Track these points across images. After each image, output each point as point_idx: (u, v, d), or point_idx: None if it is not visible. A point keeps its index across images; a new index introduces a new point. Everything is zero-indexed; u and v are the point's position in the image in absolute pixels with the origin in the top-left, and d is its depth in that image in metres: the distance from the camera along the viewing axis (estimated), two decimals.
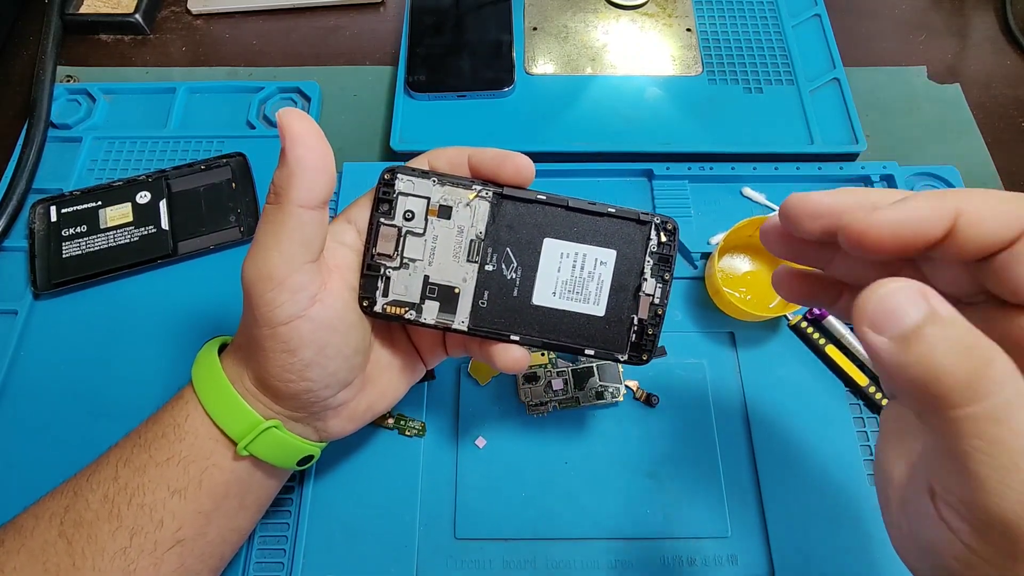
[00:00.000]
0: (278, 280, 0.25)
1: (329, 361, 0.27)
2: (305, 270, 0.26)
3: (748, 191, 0.45)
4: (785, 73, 0.49)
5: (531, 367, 0.38)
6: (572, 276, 0.29)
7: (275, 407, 0.29)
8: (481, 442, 0.37)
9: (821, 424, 0.38)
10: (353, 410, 0.31)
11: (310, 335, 0.26)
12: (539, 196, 0.28)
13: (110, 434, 0.30)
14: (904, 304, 0.17)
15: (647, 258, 0.29)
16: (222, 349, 0.31)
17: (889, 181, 0.45)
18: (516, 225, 0.28)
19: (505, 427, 0.38)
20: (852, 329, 0.40)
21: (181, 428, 0.28)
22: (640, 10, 0.53)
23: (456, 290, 0.29)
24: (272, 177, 0.26)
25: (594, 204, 0.28)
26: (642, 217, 0.28)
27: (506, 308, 0.29)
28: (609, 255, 0.29)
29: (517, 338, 0.29)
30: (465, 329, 0.29)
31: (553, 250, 0.29)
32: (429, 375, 0.39)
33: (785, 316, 0.40)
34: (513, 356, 0.29)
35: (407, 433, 0.37)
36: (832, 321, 0.39)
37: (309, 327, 0.26)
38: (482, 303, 0.29)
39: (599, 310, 0.29)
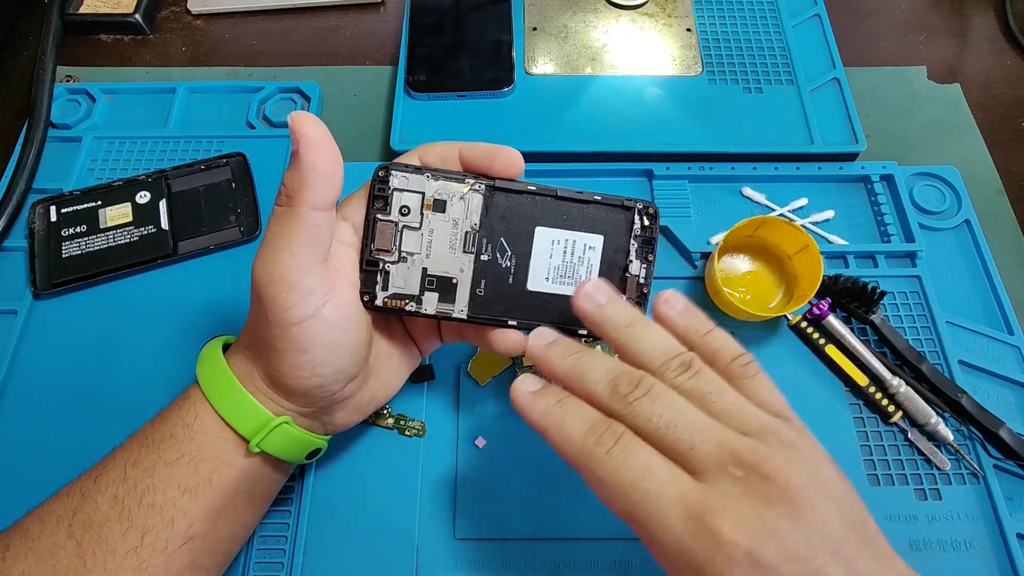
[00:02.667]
0: (291, 282, 0.26)
1: (339, 357, 0.28)
2: (316, 271, 0.27)
3: (748, 191, 0.45)
4: (785, 73, 0.49)
5: (531, 366, 0.38)
6: (563, 261, 0.30)
7: (285, 404, 0.29)
8: (481, 442, 0.37)
9: (821, 424, 0.38)
10: (358, 402, 0.31)
11: (321, 334, 0.27)
12: (530, 187, 0.29)
13: (110, 434, 0.30)
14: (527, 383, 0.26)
15: (632, 241, 0.30)
16: (224, 348, 0.31)
17: (889, 181, 0.45)
18: (509, 215, 0.29)
19: (505, 427, 0.38)
20: (853, 330, 0.40)
21: (190, 428, 0.28)
22: (640, 10, 0.53)
23: (454, 280, 0.29)
24: (282, 179, 0.26)
25: (581, 193, 0.30)
26: (626, 203, 0.30)
27: (502, 295, 0.30)
28: (597, 240, 0.30)
29: (514, 323, 0.30)
30: (465, 317, 0.30)
31: (545, 238, 0.30)
32: (429, 375, 0.39)
33: (785, 316, 0.40)
34: (511, 340, 0.30)
35: (407, 433, 0.37)
36: (832, 321, 0.39)
37: (321, 326, 0.27)
38: (479, 291, 0.30)
39: None
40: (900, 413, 0.38)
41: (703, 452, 0.22)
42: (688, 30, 0.52)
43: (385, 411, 0.38)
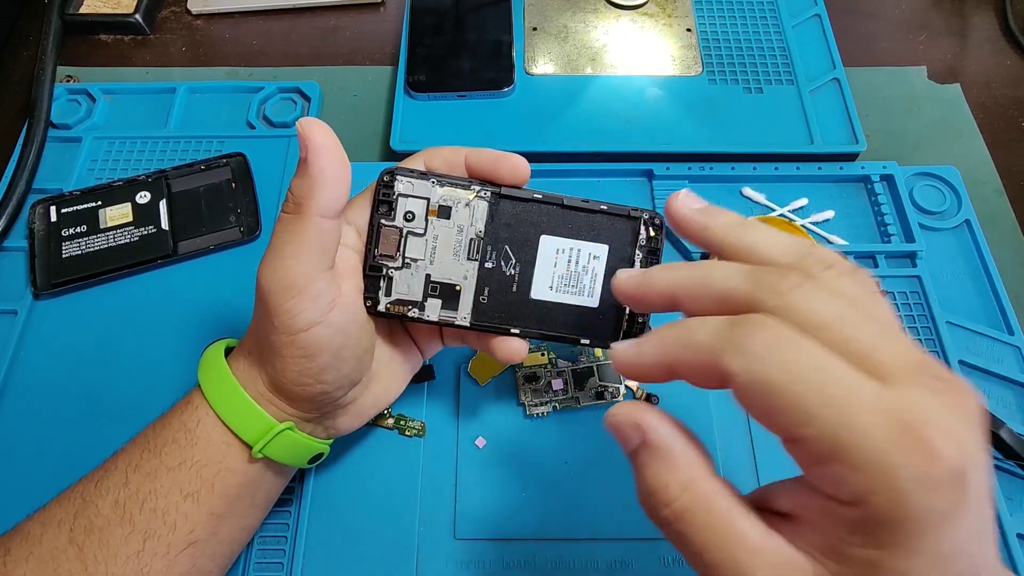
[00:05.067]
0: (299, 288, 0.26)
1: (343, 363, 0.28)
2: (323, 277, 0.27)
3: (748, 191, 0.45)
4: (785, 73, 0.49)
5: (531, 367, 0.38)
6: (568, 271, 0.30)
7: (289, 409, 0.29)
8: (481, 442, 0.37)
9: None
10: (361, 406, 0.31)
11: (328, 340, 0.27)
12: (535, 195, 0.29)
13: (110, 434, 0.30)
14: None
15: (637, 252, 0.30)
16: (226, 351, 0.31)
17: (889, 181, 0.45)
18: (514, 223, 0.29)
19: (505, 427, 0.38)
20: None
21: (192, 433, 0.28)
22: (640, 10, 0.53)
23: (457, 287, 0.29)
24: (289, 186, 0.26)
25: (587, 201, 0.30)
26: (632, 213, 0.30)
27: (506, 303, 0.30)
28: (602, 250, 0.30)
29: (517, 331, 0.30)
30: (467, 325, 0.30)
31: (549, 246, 0.30)
32: (429, 375, 0.39)
33: None
34: (513, 347, 0.30)
35: (407, 433, 0.37)
36: None
37: (327, 332, 0.27)
38: (483, 299, 0.30)
39: (593, 302, 0.30)
40: None
41: (889, 355, 0.18)
42: (688, 30, 0.52)
43: (385, 412, 0.38)
